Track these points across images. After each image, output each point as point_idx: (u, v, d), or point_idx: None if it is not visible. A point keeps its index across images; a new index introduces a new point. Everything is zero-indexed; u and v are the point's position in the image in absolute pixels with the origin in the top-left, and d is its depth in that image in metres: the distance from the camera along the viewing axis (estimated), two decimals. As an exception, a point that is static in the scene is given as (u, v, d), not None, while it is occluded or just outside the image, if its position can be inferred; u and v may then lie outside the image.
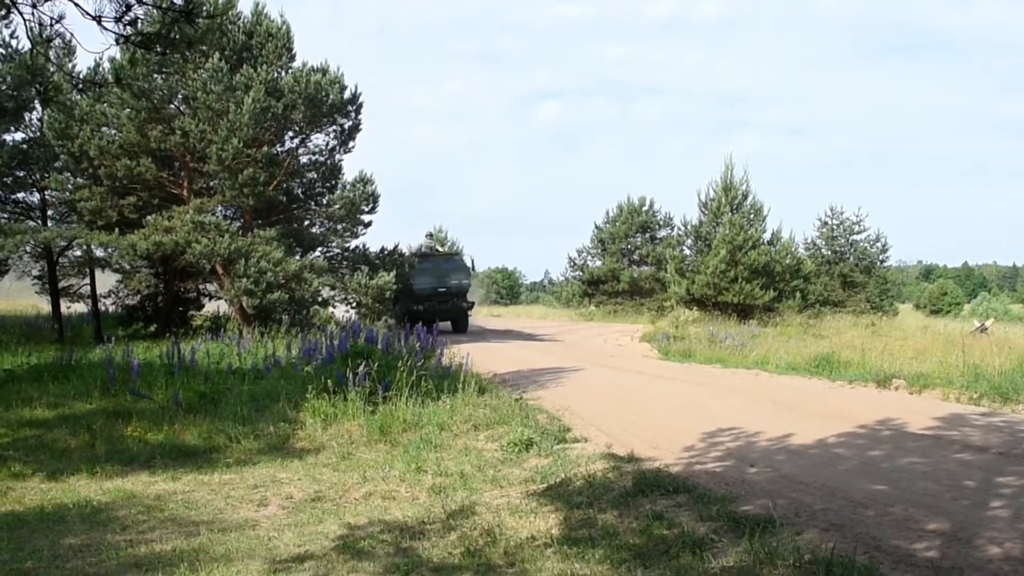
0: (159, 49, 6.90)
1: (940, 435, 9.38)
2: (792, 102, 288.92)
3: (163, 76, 21.87)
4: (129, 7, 6.20)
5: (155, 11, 6.47)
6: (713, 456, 8.64)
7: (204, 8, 6.90)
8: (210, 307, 27.96)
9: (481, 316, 43.72)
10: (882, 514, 6.30)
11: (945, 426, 9.87)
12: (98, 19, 6.14)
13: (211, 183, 23.78)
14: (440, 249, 33.25)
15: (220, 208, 23.72)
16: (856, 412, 10.93)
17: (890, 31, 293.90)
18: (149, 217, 22.71)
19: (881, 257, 38.84)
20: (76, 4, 6.14)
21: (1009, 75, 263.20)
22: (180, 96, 22.70)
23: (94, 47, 22.68)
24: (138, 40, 6.58)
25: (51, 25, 6.61)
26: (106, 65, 20.10)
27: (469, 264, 33.65)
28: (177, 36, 6.55)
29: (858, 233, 38.34)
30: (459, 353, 14.67)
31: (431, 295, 29.03)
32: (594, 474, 7.83)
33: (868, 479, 7.41)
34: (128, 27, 6.37)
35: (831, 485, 7.19)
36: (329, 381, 11.18)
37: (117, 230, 22.03)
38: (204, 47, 16.84)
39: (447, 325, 31.77)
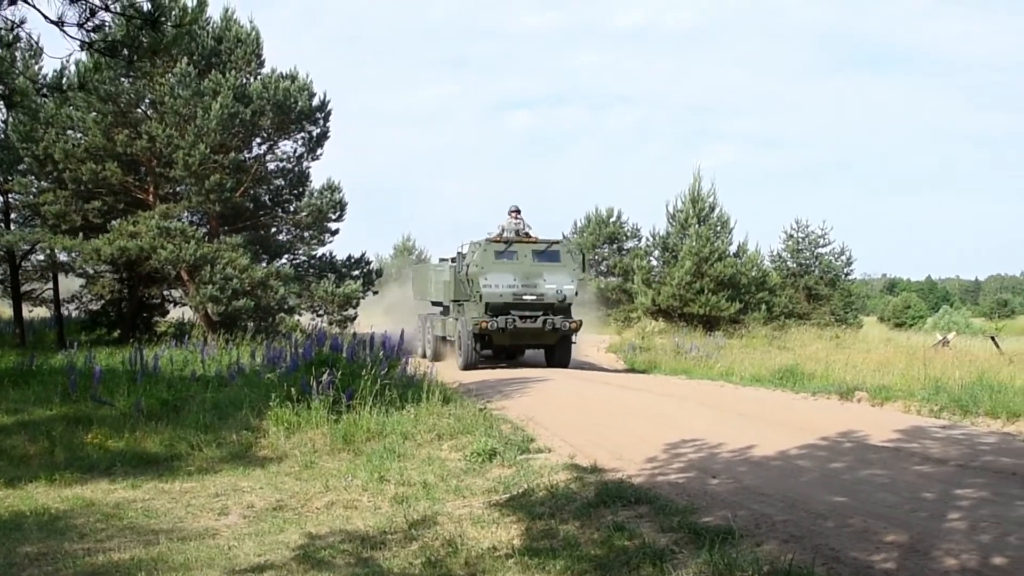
0: (124, 55, 6.85)
1: (900, 447, 9.47)
2: (762, 113, 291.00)
3: (130, 80, 21.71)
4: (93, 12, 6.15)
5: (120, 17, 6.42)
6: (676, 467, 8.67)
7: (172, 15, 6.86)
8: (175, 313, 27.70)
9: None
10: (841, 525, 6.34)
11: (906, 438, 9.96)
12: (59, 24, 6.09)
13: (177, 189, 23.61)
14: (531, 232, 22.08)
15: (186, 214, 23.54)
16: (819, 424, 11.01)
17: (859, 44, 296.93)
18: (114, 222, 22.47)
19: (846, 270, 39.10)
20: (36, 8, 6.09)
21: (974, 90, 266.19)
22: (147, 100, 22.57)
23: (61, 51, 22.54)
24: (102, 46, 6.53)
25: (12, 29, 6.55)
26: (73, 69, 19.97)
27: (579, 259, 22.18)
28: (143, 43, 6.51)
29: (823, 246, 38.59)
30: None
31: (512, 306, 20.76)
32: (557, 485, 7.84)
33: (829, 491, 7.46)
34: (92, 33, 6.32)
35: (792, 496, 7.23)
36: (293, 389, 11.11)
37: (81, 234, 21.88)
38: (171, 54, 16.76)
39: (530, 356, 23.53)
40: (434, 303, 24.88)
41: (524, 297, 20.84)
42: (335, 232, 25.39)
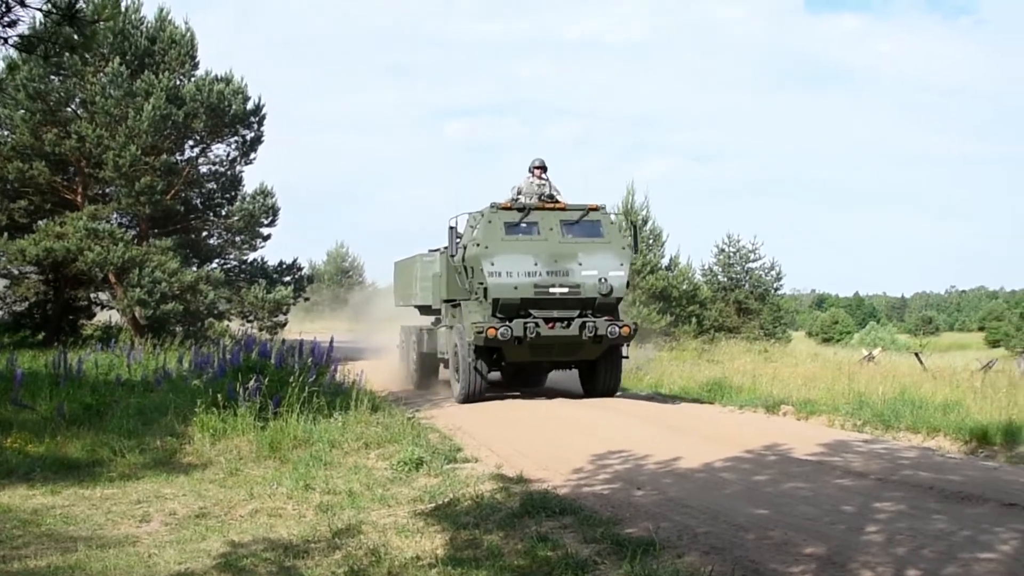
0: (41, 52, 6.73)
1: (823, 461, 9.61)
2: (699, 127, 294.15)
3: (60, 79, 21.41)
4: (9, 8, 6.04)
5: (37, 13, 6.31)
6: (601, 478, 8.73)
7: (90, 8, 6.75)
8: (102, 316, 27.25)
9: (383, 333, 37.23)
10: (762, 538, 6.43)
11: (829, 452, 10.12)
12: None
13: (107, 190, 23.32)
14: (559, 197, 16.13)
15: (115, 216, 23.27)
16: (744, 437, 11.14)
17: (795, 62, 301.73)
18: (40, 222, 22.15)
19: (775, 285, 39.51)
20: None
21: (904, 109, 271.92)
22: (78, 100, 22.24)
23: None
24: (18, 43, 6.42)
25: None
26: None
27: (628, 232, 17.25)
28: (60, 39, 6.40)
29: (754, 261, 38.99)
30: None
31: (533, 303, 14.72)
32: (482, 495, 7.86)
33: (751, 503, 7.57)
34: (7, 28, 6.21)
35: (715, 508, 7.32)
36: (219, 395, 11.00)
37: (6, 234, 21.42)
38: (93, 51, 16.51)
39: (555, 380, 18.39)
40: (421, 308, 19.14)
41: (551, 290, 14.68)
42: (267, 237, 25.33)
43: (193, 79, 22.99)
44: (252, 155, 24.91)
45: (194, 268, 22.82)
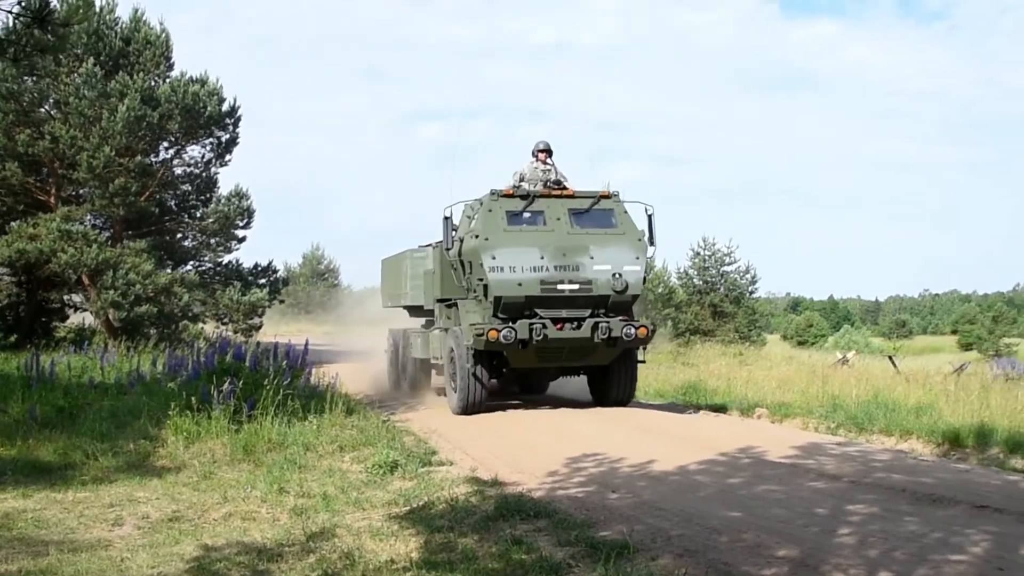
0: (11, 55, 6.68)
1: (797, 463, 9.66)
2: (671, 132, 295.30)
3: (34, 79, 21.25)
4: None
5: (7, 15, 6.27)
6: (576, 481, 8.75)
7: (63, 10, 6.71)
8: (75, 319, 27.10)
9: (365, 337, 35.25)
10: (735, 540, 6.46)
11: (802, 455, 10.17)
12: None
13: (80, 191, 23.17)
14: (566, 182, 14.83)
15: (89, 217, 23.11)
16: (719, 440, 11.18)
17: (768, 68, 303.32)
18: (13, 223, 21.96)
19: (750, 288, 39.79)
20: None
21: (876, 115, 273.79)
22: (51, 100, 22.10)
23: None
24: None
25: None
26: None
27: (644, 224, 14.49)
28: (31, 42, 6.36)
29: (729, 264, 39.20)
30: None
31: (540, 301, 13.51)
32: (457, 498, 7.86)
33: (725, 506, 7.59)
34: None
35: (689, 511, 7.34)
36: (193, 398, 10.95)
37: (-22, 236, 21.29)
38: (61, 54, 16.42)
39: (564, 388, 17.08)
40: (411, 310, 17.88)
41: (559, 287, 13.43)
42: (242, 239, 25.20)
43: (168, 80, 22.88)
44: (227, 157, 24.82)
45: (168, 270, 22.71)
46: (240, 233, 24.87)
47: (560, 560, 5.96)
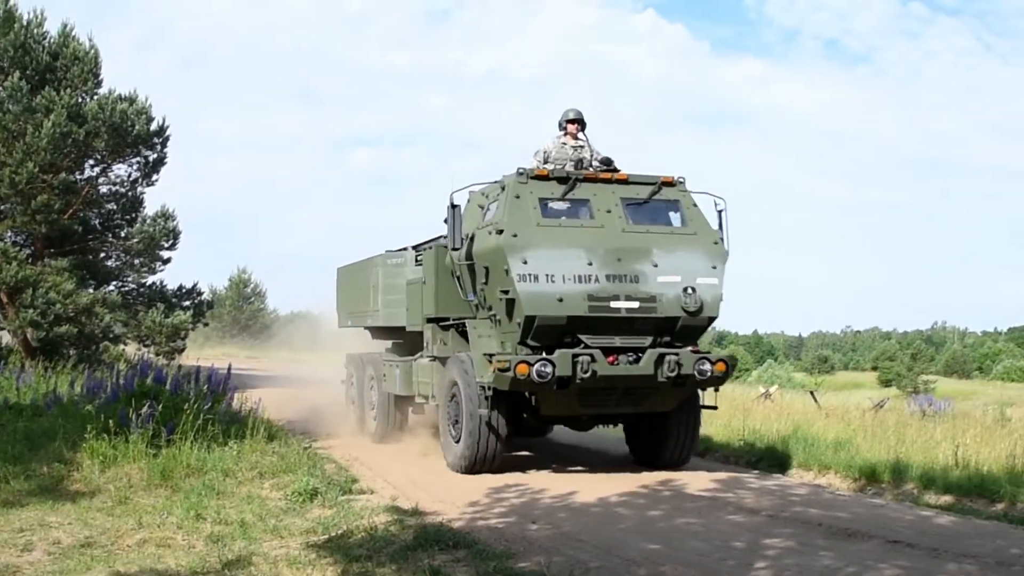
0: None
1: (716, 497, 9.77)
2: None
3: (-45, 92, 20.85)
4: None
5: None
6: (497, 511, 8.76)
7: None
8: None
9: (278, 362, 31.47)
10: (654, 573, 6.51)
11: (722, 488, 10.28)
12: None
13: (1, 207, 22.68)
14: (615, 165, 11.44)
15: (10, 234, 22.58)
16: (639, 472, 11.26)
17: (698, 103, 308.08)
18: (-71, 238, 21.49)
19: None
20: None
21: (804, 153, 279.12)
22: (-27, 114, 21.66)
23: None
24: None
25: None
26: None
27: (717, 218, 11.01)
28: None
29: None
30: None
31: (587, 323, 10.16)
32: (376, 527, 7.81)
33: (644, 538, 7.65)
34: None
35: (608, 543, 7.39)
36: (111, 421, 10.74)
37: None
38: None
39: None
40: (377, 331, 14.81)
41: (612, 304, 10.15)
42: (167, 261, 24.81)
43: (96, 97, 22.51)
44: (154, 176, 24.41)
45: (90, 290, 22.26)
46: (165, 254, 24.53)
47: (478, 591, 5.96)
